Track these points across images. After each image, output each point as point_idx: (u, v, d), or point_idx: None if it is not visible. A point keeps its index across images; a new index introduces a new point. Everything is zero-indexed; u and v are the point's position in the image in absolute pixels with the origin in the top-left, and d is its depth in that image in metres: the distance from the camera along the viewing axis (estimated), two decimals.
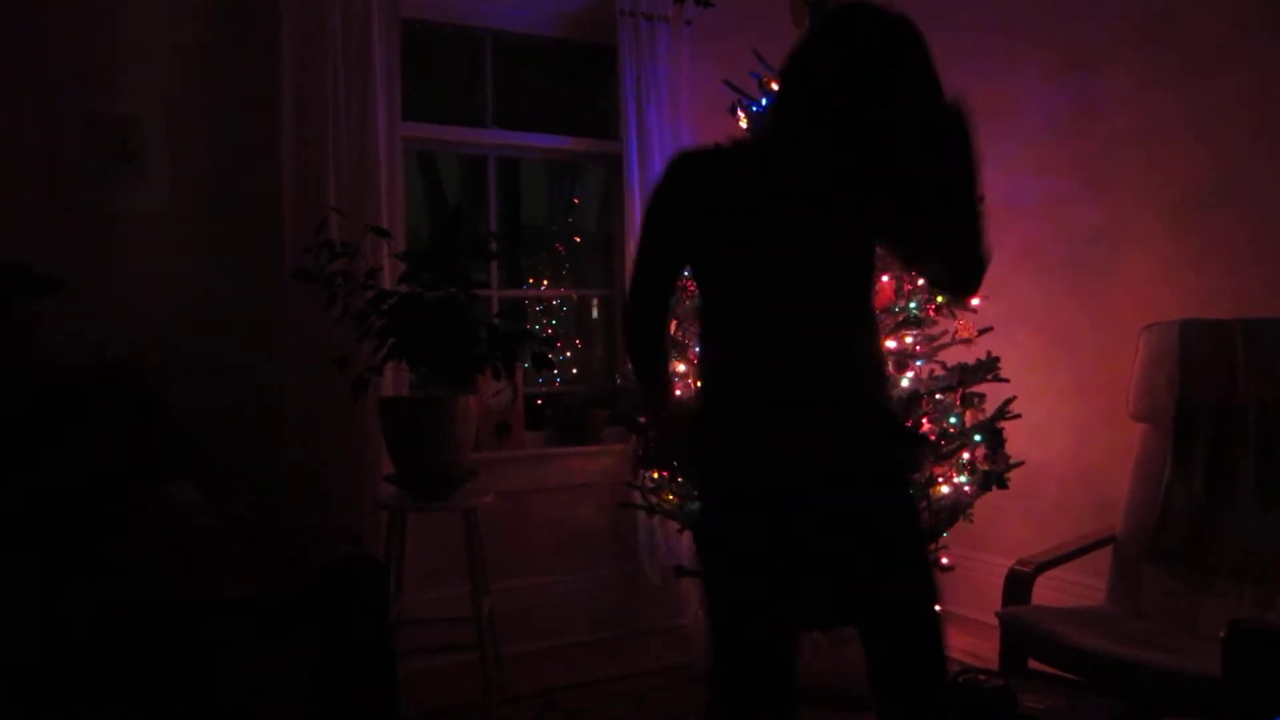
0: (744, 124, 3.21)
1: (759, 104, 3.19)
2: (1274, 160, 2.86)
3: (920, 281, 3.08)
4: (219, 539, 2.24)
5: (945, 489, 2.98)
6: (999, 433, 2.96)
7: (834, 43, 1.52)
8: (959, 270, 1.65)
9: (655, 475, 3.16)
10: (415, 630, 2.99)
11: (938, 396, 2.99)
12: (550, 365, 3.07)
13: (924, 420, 2.92)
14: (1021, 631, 2.43)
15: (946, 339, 3.14)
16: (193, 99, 3.08)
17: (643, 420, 3.01)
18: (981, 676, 1.25)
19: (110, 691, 1.86)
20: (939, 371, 3.10)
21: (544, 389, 3.97)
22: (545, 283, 4.75)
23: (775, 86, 1.57)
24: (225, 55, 3.12)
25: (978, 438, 2.97)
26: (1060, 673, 2.35)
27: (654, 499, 3.21)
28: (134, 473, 2.33)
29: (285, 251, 3.04)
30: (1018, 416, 2.99)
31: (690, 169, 1.61)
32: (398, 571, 2.95)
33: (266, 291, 3.07)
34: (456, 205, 4.52)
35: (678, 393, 1.80)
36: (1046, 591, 2.71)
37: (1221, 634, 1.35)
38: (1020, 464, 2.99)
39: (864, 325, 1.65)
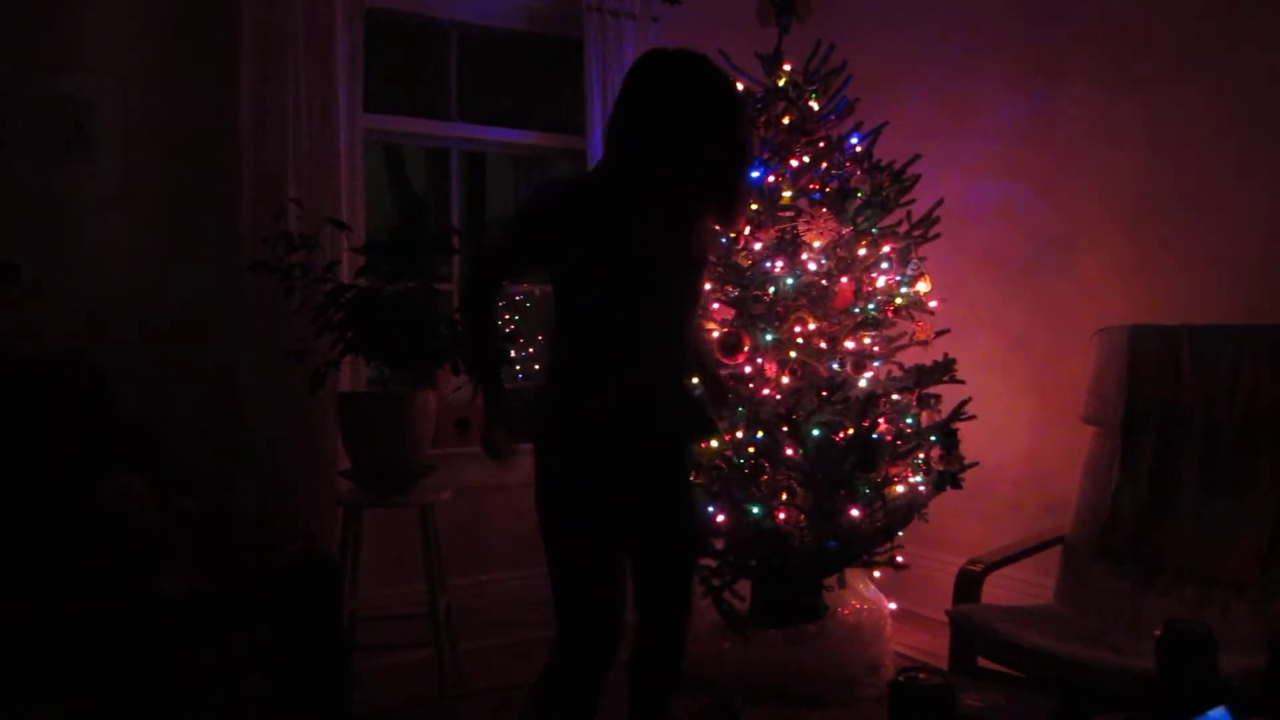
0: None
1: None
2: (1222, 171, 2.92)
3: (880, 284, 3.11)
4: (165, 532, 2.22)
5: (901, 488, 3.02)
6: (954, 433, 3.00)
7: (653, 88, 1.90)
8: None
9: None
10: (372, 626, 2.97)
11: (895, 397, 3.03)
12: (512, 361, 3.06)
13: (881, 420, 2.96)
14: (970, 630, 2.47)
15: (904, 340, 3.18)
16: (151, 84, 3.04)
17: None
18: (923, 675, 1.27)
19: (56, 685, 1.84)
20: (896, 372, 3.14)
21: (505, 385, 3.95)
22: None
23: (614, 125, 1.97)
24: (185, 40, 3.08)
25: (933, 438, 3.01)
26: (1008, 670, 2.39)
27: None
28: (85, 465, 2.29)
29: (243, 242, 3.01)
30: (973, 418, 3.04)
31: (560, 195, 2.00)
32: (353, 567, 2.93)
33: (223, 282, 3.04)
34: (417, 198, 4.49)
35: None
36: (998, 590, 2.76)
37: (1157, 633, 1.38)
38: (975, 464, 3.03)
39: (692, 328, 2.09)
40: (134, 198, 3.02)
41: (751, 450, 2.96)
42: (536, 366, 4.32)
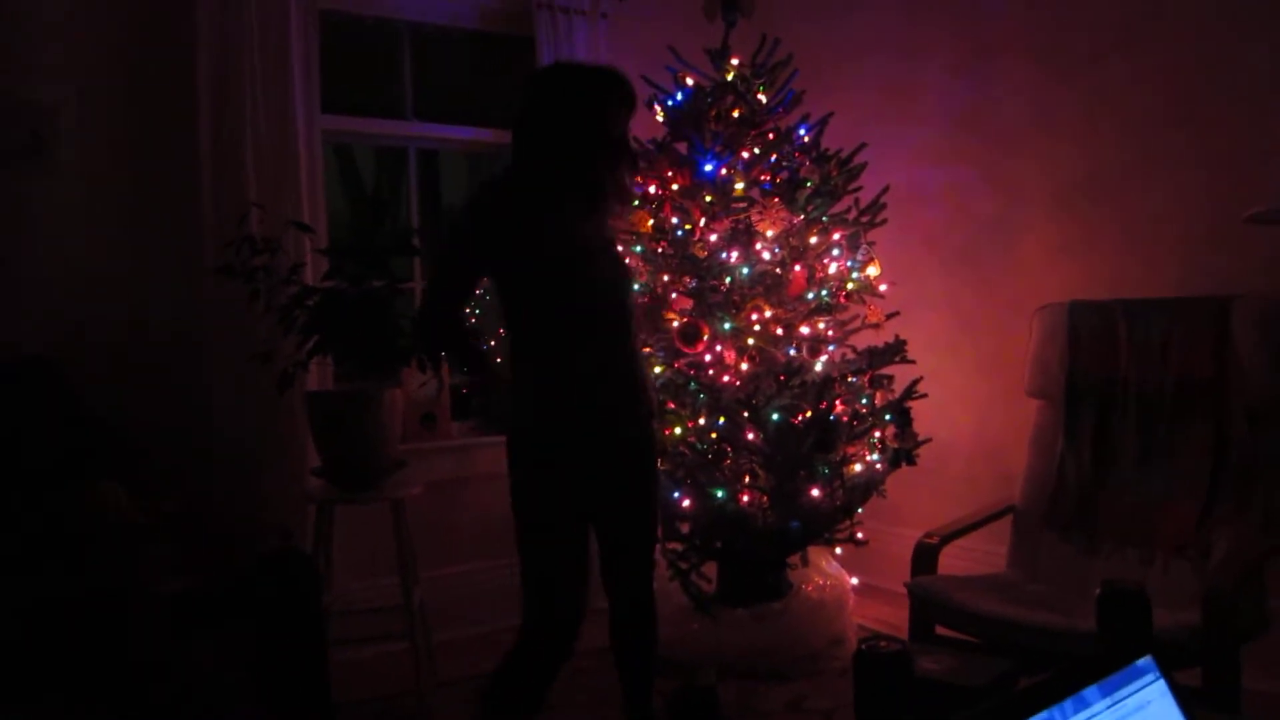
0: (660, 118, 3.30)
1: (675, 98, 3.27)
2: (1155, 149, 3.06)
3: (832, 270, 3.21)
4: (148, 536, 2.25)
5: (859, 467, 3.13)
6: (907, 412, 3.11)
7: (551, 99, 2.11)
8: None
9: None
10: (346, 621, 3.02)
11: (849, 379, 3.13)
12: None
13: (837, 402, 3.06)
14: (928, 600, 2.58)
15: (856, 324, 3.28)
16: (108, 90, 3.03)
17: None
18: (882, 643, 1.37)
19: (42, 687, 1.87)
20: (850, 355, 3.24)
21: (468, 379, 4.00)
22: None
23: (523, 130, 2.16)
24: (141, 46, 3.08)
25: (888, 417, 3.13)
26: (965, 637, 2.51)
27: None
28: (57, 471, 2.31)
29: (206, 246, 3.02)
30: (924, 396, 3.15)
31: (475, 212, 2.16)
32: (327, 563, 2.97)
33: (187, 286, 3.05)
34: (377, 198, 4.51)
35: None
36: (955, 560, 2.87)
37: (1095, 593, 1.49)
38: (928, 441, 3.15)
39: (633, 323, 2.22)
40: (94, 204, 3.02)
41: (714, 436, 3.04)
42: (498, 360, 4.37)
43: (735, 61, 3.29)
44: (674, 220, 3.19)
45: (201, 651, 2.12)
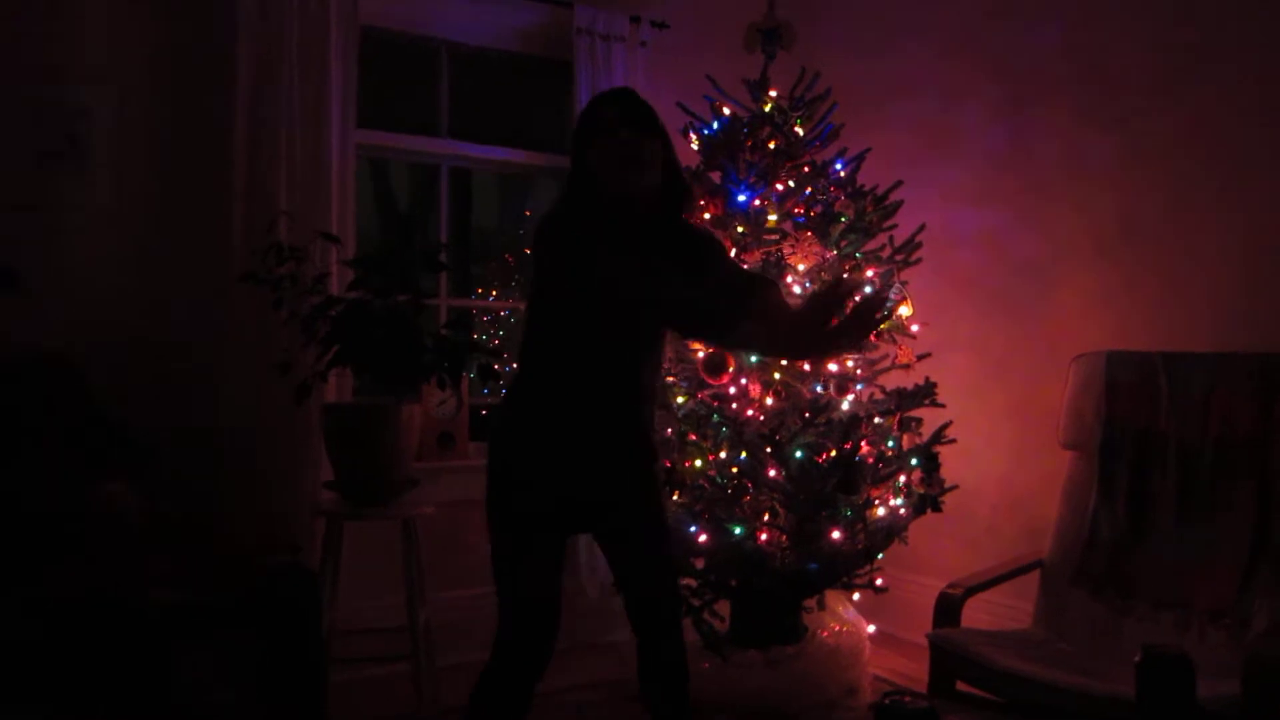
0: (695, 146, 3.26)
1: (711, 128, 3.24)
2: (1195, 199, 2.99)
3: None
4: (150, 539, 2.21)
5: (881, 511, 3.04)
6: (935, 457, 3.03)
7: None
8: None
9: None
10: (351, 640, 2.96)
11: (876, 420, 3.06)
12: (496, 377, 3.07)
13: (863, 443, 2.98)
14: (950, 654, 2.48)
15: (886, 363, 3.21)
16: (145, 95, 3.04)
17: None
18: (907, 698, 1.29)
19: (34, 692, 1.82)
20: (878, 395, 3.17)
21: (489, 400, 3.96)
22: (494, 293, 4.75)
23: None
24: (181, 53, 3.09)
25: (914, 461, 3.04)
26: (987, 695, 2.41)
27: None
28: (71, 467, 2.28)
29: (234, 253, 3.01)
30: (953, 441, 3.07)
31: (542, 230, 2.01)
32: (333, 580, 2.92)
33: (212, 292, 3.04)
34: (406, 213, 4.50)
35: None
36: (977, 614, 2.78)
37: (1136, 659, 1.40)
38: (954, 488, 3.07)
39: (648, 366, 2.11)
40: (125, 207, 3.01)
41: (734, 470, 2.97)
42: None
43: (774, 93, 3.26)
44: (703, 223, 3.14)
45: (199, 663, 2.07)
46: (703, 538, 2.96)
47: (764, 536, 2.93)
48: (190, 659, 2.07)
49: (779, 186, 3.15)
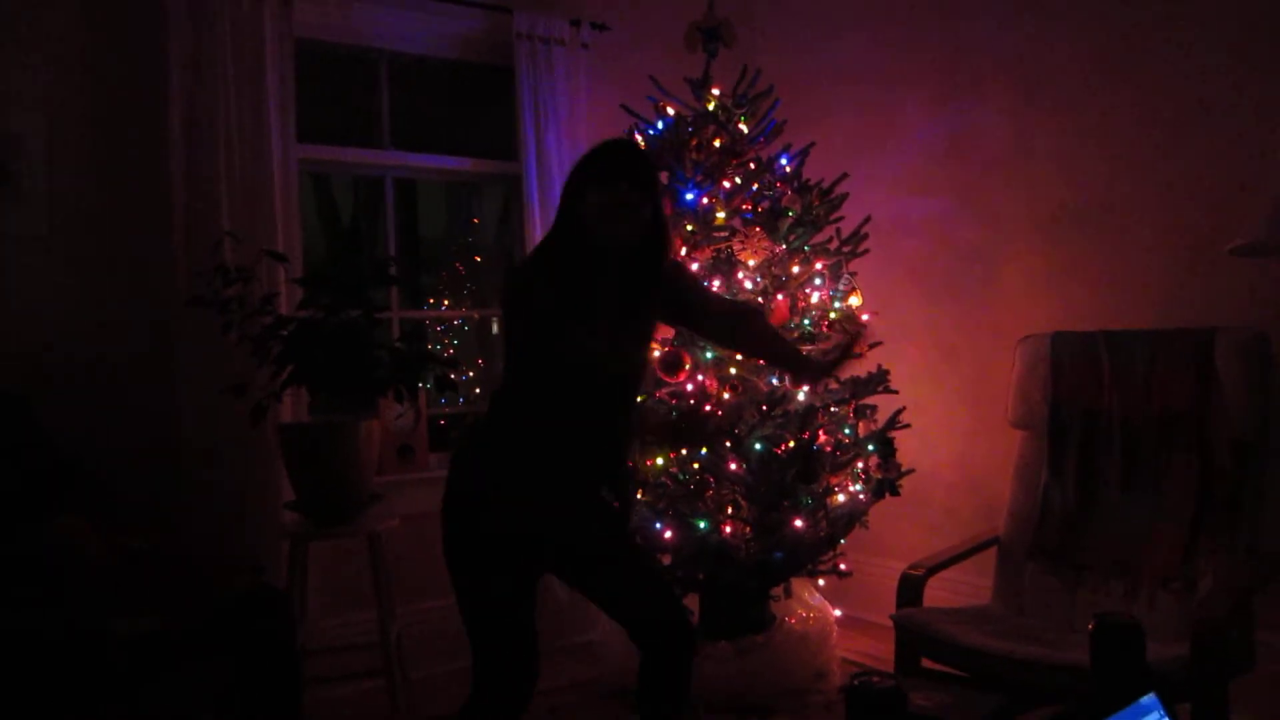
0: (641, 147, 3.28)
1: (655, 128, 3.27)
2: (1133, 182, 3.07)
3: (814, 299, 3.20)
4: (111, 572, 2.18)
5: (842, 498, 3.10)
6: (890, 442, 3.10)
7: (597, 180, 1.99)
8: None
9: None
10: (323, 658, 2.94)
11: (832, 409, 3.11)
12: (453, 387, 3.07)
13: (820, 432, 3.04)
14: (914, 633, 2.55)
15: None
16: (77, 119, 2.98)
17: None
18: (874, 679, 1.33)
19: None
20: (833, 385, 3.22)
21: (447, 410, 3.96)
22: (446, 303, 4.73)
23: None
24: (112, 73, 3.03)
25: (871, 447, 3.11)
26: (951, 670, 2.48)
27: None
28: (20, 504, 2.24)
29: (178, 276, 2.97)
30: (907, 426, 3.14)
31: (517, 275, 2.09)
32: (302, 599, 2.90)
33: (159, 316, 2.99)
34: (354, 228, 4.47)
35: None
36: (938, 592, 2.84)
37: (1090, 627, 1.46)
38: (911, 471, 3.13)
39: (628, 412, 2.16)
40: (63, 234, 2.95)
41: (696, 466, 3.01)
42: (477, 390, 4.33)
43: (716, 91, 3.30)
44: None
45: (170, 691, 2.06)
46: (668, 534, 2.99)
47: (728, 529, 2.97)
48: (161, 687, 2.05)
49: (726, 184, 3.19)
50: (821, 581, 3.33)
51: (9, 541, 2.13)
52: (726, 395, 3.05)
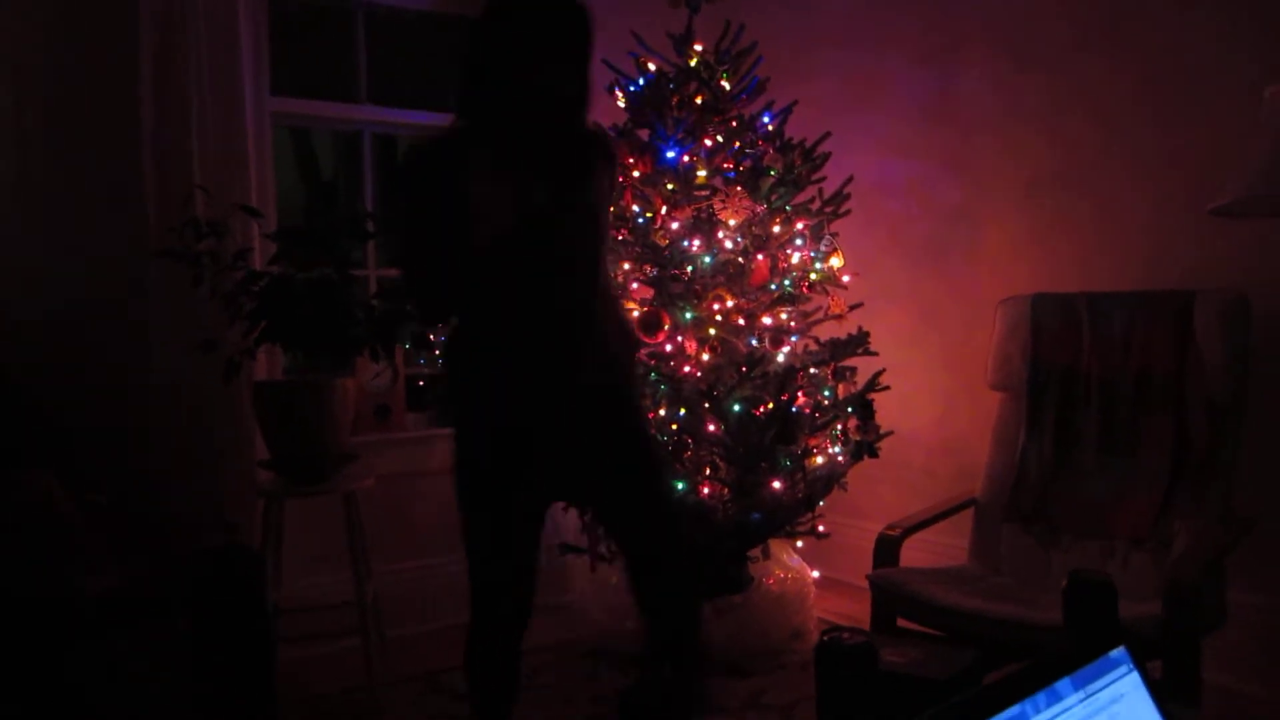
0: (621, 103, 3.24)
1: (636, 84, 3.22)
2: (1118, 143, 3.05)
3: (795, 260, 3.17)
4: (80, 530, 2.15)
5: (820, 459, 3.10)
6: (870, 404, 3.09)
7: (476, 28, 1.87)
8: None
9: None
10: (297, 617, 2.93)
11: (812, 371, 3.10)
12: (431, 346, 3.04)
13: (799, 394, 3.02)
14: (889, 592, 2.55)
15: (819, 315, 3.25)
16: (45, 69, 2.90)
17: None
18: (845, 635, 1.32)
19: None
20: (813, 346, 3.21)
21: (425, 370, 3.92)
22: None
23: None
24: (78, 25, 2.94)
25: (850, 409, 3.10)
26: (926, 629, 2.49)
27: None
28: None
29: (150, 231, 2.91)
30: (887, 388, 3.13)
31: (414, 166, 1.92)
32: (276, 559, 2.88)
33: (129, 271, 2.94)
34: (330, 183, 4.40)
35: None
36: (916, 553, 2.85)
37: (1063, 584, 1.45)
38: (890, 434, 3.13)
39: (601, 271, 1.99)
40: (31, 189, 2.88)
41: (674, 427, 3.00)
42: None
43: (699, 48, 3.24)
44: (634, 208, 3.13)
45: (140, 652, 2.04)
46: None
47: (706, 490, 2.97)
48: (130, 645, 2.03)
49: (707, 142, 3.15)
50: (800, 543, 3.34)
51: None
52: (705, 356, 3.03)
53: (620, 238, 3.14)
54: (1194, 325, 2.59)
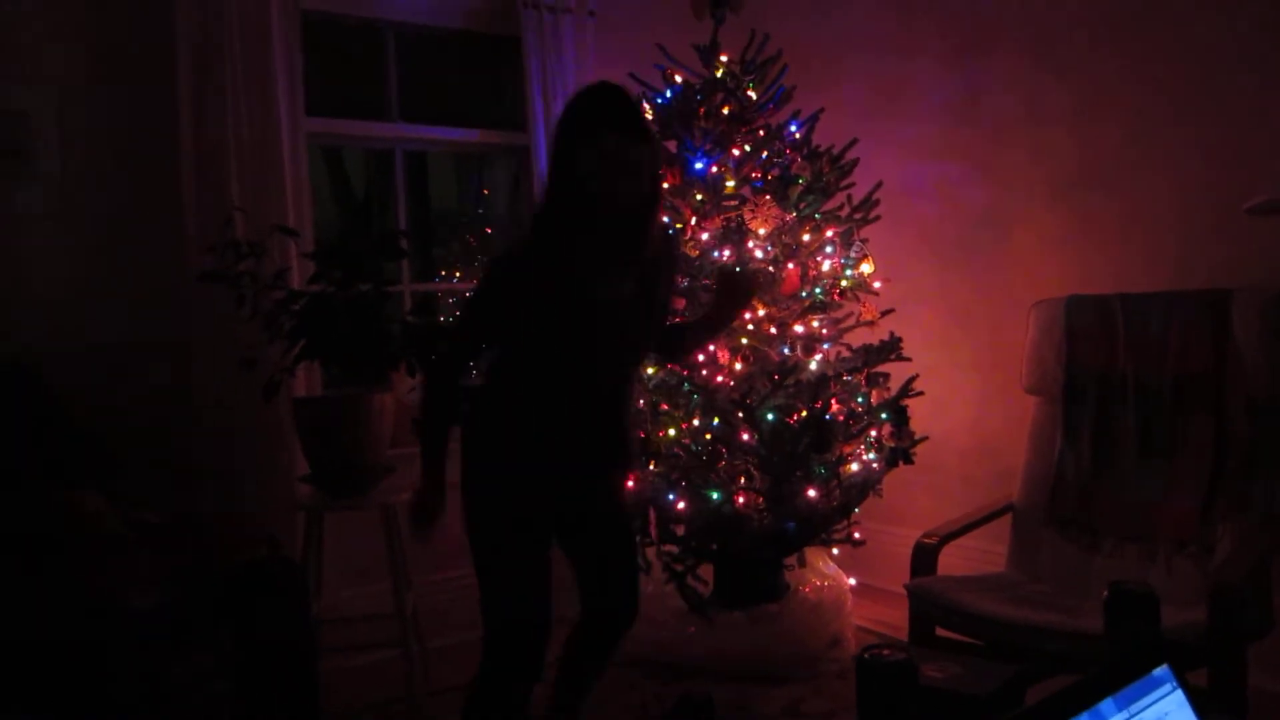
0: (649, 115, 3.25)
1: (664, 96, 3.23)
2: (1148, 142, 3.02)
3: (825, 268, 3.17)
4: (129, 547, 2.20)
5: (855, 466, 3.09)
6: (904, 410, 3.08)
7: (556, 134, 1.97)
8: None
9: None
10: (338, 629, 2.97)
11: (845, 378, 3.10)
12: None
13: (833, 401, 3.02)
14: (928, 601, 2.54)
15: (851, 322, 3.25)
16: (87, 95, 2.98)
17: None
18: (885, 651, 1.32)
19: (15, 705, 1.82)
20: (845, 353, 3.20)
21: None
22: (457, 274, 4.73)
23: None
24: (121, 49, 3.03)
25: (884, 416, 3.09)
26: (965, 638, 2.47)
27: None
28: (34, 478, 2.26)
29: (189, 251, 2.98)
30: (920, 394, 3.11)
31: (504, 268, 2.06)
32: (317, 571, 2.92)
33: (171, 291, 3.00)
34: (365, 201, 4.46)
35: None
36: (953, 560, 2.84)
37: (1104, 594, 1.45)
38: (924, 439, 3.11)
39: (635, 378, 2.23)
40: (74, 210, 2.96)
41: (708, 437, 3.00)
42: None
43: (724, 58, 3.25)
44: (664, 219, 3.14)
45: (185, 664, 2.08)
46: (681, 505, 2.99)
47: (741, 500, 2.97)
48: (174, 660, 2.07)
49: (735, 152, 3.15)
50: (835, 550, 3.33)
51: (26, 515, 2.15)
52: (738, 365, 3.03)
53: None
54: (1232, 324, 2.56)
